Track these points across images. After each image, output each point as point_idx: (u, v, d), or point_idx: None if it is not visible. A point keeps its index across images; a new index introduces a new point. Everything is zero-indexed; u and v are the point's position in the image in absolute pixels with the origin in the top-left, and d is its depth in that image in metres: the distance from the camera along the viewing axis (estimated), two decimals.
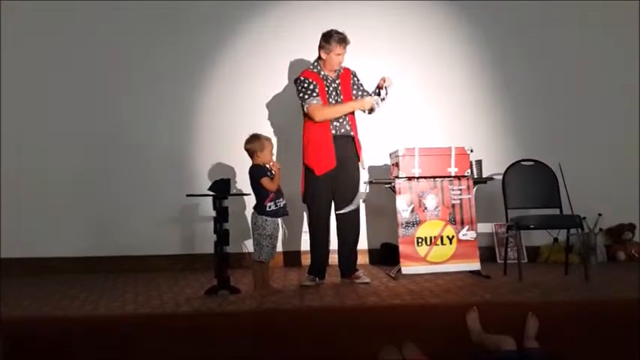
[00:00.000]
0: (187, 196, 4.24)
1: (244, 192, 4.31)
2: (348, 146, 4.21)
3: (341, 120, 4.18)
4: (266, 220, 3.80)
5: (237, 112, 5.28)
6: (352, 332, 3.00)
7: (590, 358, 3.02)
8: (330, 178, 4.14)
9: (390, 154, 4.59)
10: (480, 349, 2.92)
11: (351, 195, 4.18)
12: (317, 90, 4.12)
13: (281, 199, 3.85)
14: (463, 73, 5.51)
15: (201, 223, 5.14)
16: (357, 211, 4.25)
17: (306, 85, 4.13)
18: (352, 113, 4.26)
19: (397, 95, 5.26)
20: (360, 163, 4.30)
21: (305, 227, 4.91)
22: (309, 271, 4.21)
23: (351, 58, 4.36)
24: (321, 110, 4.10)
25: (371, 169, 5.18)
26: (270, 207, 3.80)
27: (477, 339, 2.98)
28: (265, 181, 3.78)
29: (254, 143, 3.87)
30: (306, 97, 4.12)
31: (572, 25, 5.55)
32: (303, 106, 4.17)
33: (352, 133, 4.23)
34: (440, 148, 4.44)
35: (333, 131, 4.15)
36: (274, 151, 4.12)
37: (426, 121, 5.38)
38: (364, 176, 4.42)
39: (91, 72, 5.27)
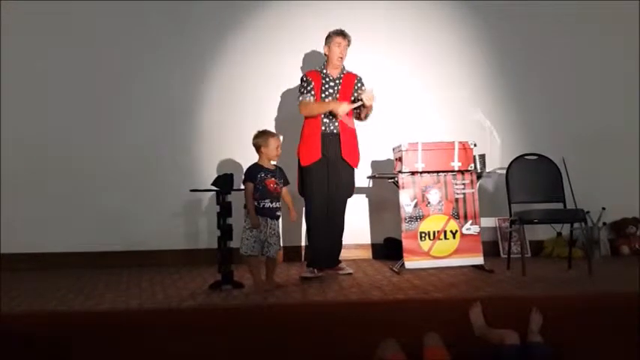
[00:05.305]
0: (191, 191, 4.25)
1: None
2: (334, 144, 4.24)
3: (331, 118, 4.24)
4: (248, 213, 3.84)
5: (240, 109, 5.27)
6: (356, 327, 3.01)
7: (593, 352, 3.02)
8: (322, 172, 4.21)
9: (394, 149, 4.58)
10: (483, 344, 2.92)
11: (336, 191, 4.24)
12: (312, 88, 4.26)
13: (266, 201, 3.83)
14: (466, 68, 5.48)
15: (204, 219, 5.16)
16: (342, 207, 4.31)
17: (303, 83, 4.31)
18: (348, 115, 4.28)
19: (400, 90, 5.29)
20: (345, 161, 4.26)
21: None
22: (308, 263, 4.29)
23: (352, 55, 4.36)
24: (306, 106, 4.26)
25: (374, 163, 5.20)
26: None
27: (481, 333, 2.99)
28: (248, 187, 3.80)
29: (259, 138, 3.91)
30: (300, 93, 4.31)
31: (575, 21, 5.51)
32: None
33: (338, 131, 4.25)
34: (443, 142, 4.44)
35: (323, 127, 4.24)
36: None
37: (430, 116, 5.36)
38: (360, 175, 4.38)
39: (93, 70, 5.23)
